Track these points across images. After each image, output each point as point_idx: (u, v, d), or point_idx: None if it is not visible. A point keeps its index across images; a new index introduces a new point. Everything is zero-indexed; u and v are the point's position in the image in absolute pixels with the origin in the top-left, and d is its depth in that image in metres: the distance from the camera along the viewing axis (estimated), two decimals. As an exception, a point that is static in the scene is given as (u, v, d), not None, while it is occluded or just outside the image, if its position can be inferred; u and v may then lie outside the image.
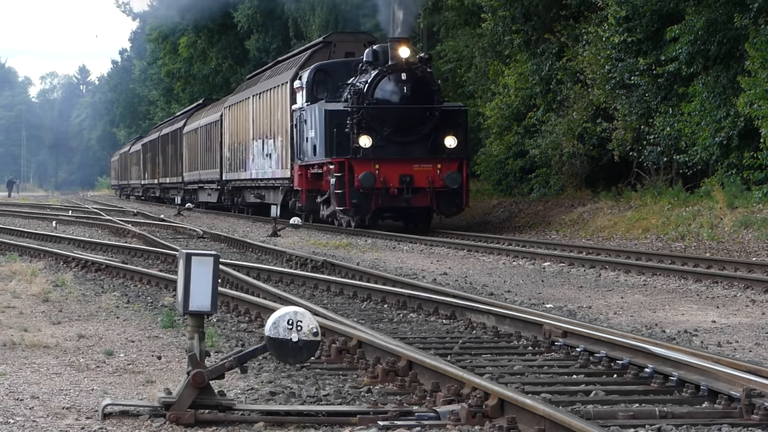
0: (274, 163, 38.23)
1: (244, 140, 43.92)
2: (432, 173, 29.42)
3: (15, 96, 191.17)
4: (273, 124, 38.47)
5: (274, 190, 39.61)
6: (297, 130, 34.00)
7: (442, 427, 7.03)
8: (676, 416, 7.16)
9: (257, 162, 41.15)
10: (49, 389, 8.27)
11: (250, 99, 43.25)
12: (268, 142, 39.18)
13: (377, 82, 29.84)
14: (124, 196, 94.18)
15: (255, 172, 41.71)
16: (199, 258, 7.27)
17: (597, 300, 14.63)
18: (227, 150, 47.89)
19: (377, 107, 29.72)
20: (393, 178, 29.30)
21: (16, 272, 17.22)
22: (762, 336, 11.22)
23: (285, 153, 36.30)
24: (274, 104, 38.64)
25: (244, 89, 46.66)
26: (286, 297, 13.18)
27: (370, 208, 29.56)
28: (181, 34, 74.57)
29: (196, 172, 56.84)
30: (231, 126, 47.39)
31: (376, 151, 29.51)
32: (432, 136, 29.94)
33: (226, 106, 48.75)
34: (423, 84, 29.92)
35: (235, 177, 46.31)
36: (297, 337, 7.12)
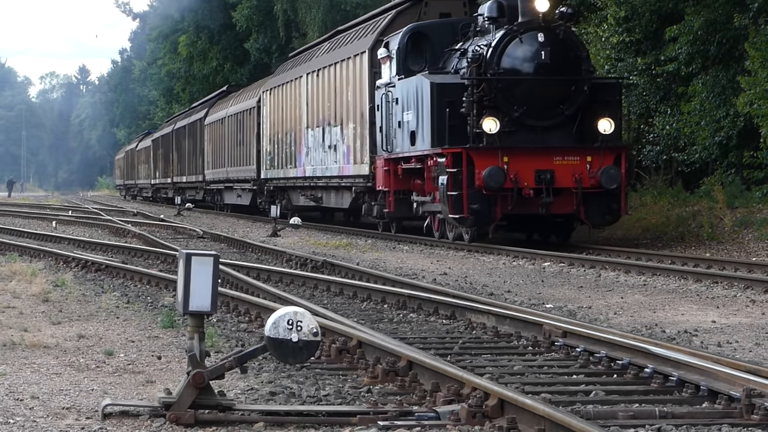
0: (341, 157, 31.07)
1: (294, 130, 36.66)
2: (579, 168, 22.34)
3: (15, 96, 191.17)
4: (340, 107, 31.15)
5: (337, 191, 32.60)
6: (382, 113, 26.55)
7: (442, 427, 7.03)
8: (676, 416, 7.17)
9: (313, 156, 34.10)
10: (49, 389, 8.27)
11: (302, 78, 35.56)
12: (332, 131, 32.03)
13: (505, 46, 22.72)
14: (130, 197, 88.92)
15: (310, 168, 34.49)
16: (199, 258, 7.27)
17: (597, 300, 14.63)
18: (267, 142, 40.48)
19: (506, 79, 22.67)
20: (527, 175, 22.14)
21: (16, 272, 17.21)
22: (762, 336, 11.22)
23: (360, 143, 29.25)
24: (342, 82, 31.07)
25: (291, 68, 38.99)
26: (286, 297, 13.18)
27: (495, 216, 22.22)
28: (181, 33, 74.55)
29: (221, 170, 49.07)
30: (273, 113, 39.71)
31: (505, 138, 22.46)
32: (578, 119, 22.96)
33: (266, 90, 41.00)
34: (567, 48, 22.83)
35: (279, 175, 38.78)
36: (297, 337, 7.12)
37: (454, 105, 22.81)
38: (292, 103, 36.96)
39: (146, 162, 77.24)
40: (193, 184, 57.72)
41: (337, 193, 32.68)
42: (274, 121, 39.47)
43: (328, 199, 33.95)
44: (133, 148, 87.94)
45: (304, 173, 35.18)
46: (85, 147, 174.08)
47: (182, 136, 60.63)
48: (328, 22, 50.26)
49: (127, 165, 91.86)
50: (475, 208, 22.10)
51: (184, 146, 59.88)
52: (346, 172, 30.64)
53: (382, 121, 26.52)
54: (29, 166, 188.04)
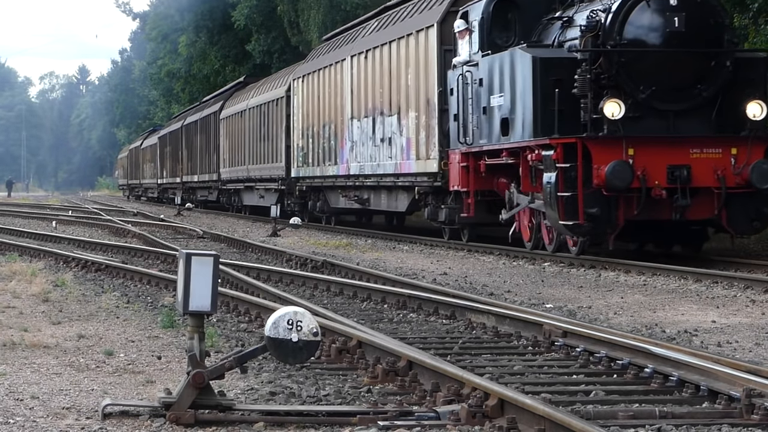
0: (397, 152, 26.99)
1: (333, 121, 32.30)
2: (722, 163, 18.29)
3: (15, 96, 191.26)
4: (397, 94, 27.00)
5: (390, 191, 28.43)
6: (459, 98, 22.43)
7: (442, 427, 7.03)
8: (676, 416, 7.16)
9: (360, 151, 29.78)
10: (49, 389, 8.27)
11: (345, 62, 31.24)
12: (386, 122, 27.75)
13: (628, 11, 18.69)
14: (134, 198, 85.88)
15: (356, 165, 30.18)
16: (199, 258, 7.27)
17: (597, 300, 14.63)
18: (299, 137, 36.13)
19: (631, 52, 18.60)
20: (658, 171, 18.10)
21: (16, 272, 17.22)
22: (762, 336, 11.22)
23: (425, 135, 25.15)
24: (399, 63, 27.02)
25: (328, 51, 34.59)
26: (286, 297, 13.18)
27: (618, 222, 18.18)
28: (180, 33, 74.54)
29: (240, 168, 44.91)
30: (307, 103, 35.25)
31: (629, 125, 18.41)
32: (718, 102, 18.84)
33: (298, 77, 36.43)
34: (706, 13, 18.78)
35: (314, 173, 34.54)
36: (297, 337, 7.12)
37: (563, 85, 18.78)
38: (332, 91, 32.50)
39: (152, 160, 73.58)
40: (205, 183, 53.47)
41: (390, 194, 28.53)
42: (308, 111, 35.09)
43: (377, 200, 29.66)
44: (137, 146, 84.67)
45: (347, 171, 30.89)
46: (85, 147, 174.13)
47: (193, 132, 56.62)
48: (327, 22, 50.20)
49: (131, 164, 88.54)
50: (593, 213, 17.95)
51: (195, 143, 56.00)
52: (404, 169, 26.43)
53: (459, 108, 22.48)
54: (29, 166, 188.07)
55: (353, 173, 30.51)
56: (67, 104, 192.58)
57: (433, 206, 25.10)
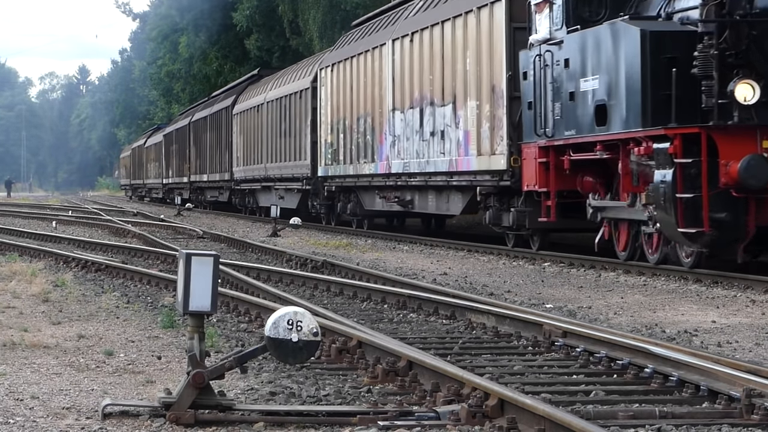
0: (452, 147, 23.91)
1: (370, 113, 29.25)
2: None
3: (15, 96, 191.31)
4: (453, 80, 23.84)
5: (440, 192, 25.47)
6: (536, 82, 19.53)
7: (442, 427, 7.03)
8: (676, 416, 7.16)
9: (404, 147, 26.78)
10: (49, 389, 8.27)
11: (385, 47, 28.10)
12: (438, 113, 24.67)
13: None
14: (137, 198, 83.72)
15: (398, 162, 27.11)
16: (199, 258, 7.27)
17: (597, 300, 14.63)
18: (327, 131, 33.03)
19: (765, 22, 15.82)
20: None
21: (16, 272, 17.22)
22: (762, 336, 11.22)
23: (490, 126, 21.91)
24: (455, 45, 23.71)
25: (361, 36, 31.37)
26: (286, 297, 13.19)
27: (748, 229, 15.58)
28: (181, 34, 74.54)
29: (257, 167, 41.94)
30: (337, 94, 32.14)
31: (762, 112, 15.67)
32: None
33: (326, 66, 33.32)
34: None
35: (346, 171, 31.43)
36: (297, 337, 7.12)
37: (681, 65, 16.06)
38: (368, 80, 29.45)
39: (156, 159, 70.55)
40: (215, 183, 50.29)
41: (440, 195, 25.46)
42: (339, 104, 31.94)
43: (422, 202, 26.71)
44: (140, 145, 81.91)
45: (388, 169, 27.83)
46: (85, 147, 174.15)
47: (202, 129, 53.34)
48: (327, 22, 50.25)
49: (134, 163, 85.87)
50: (721, 219, 15.29)
51: (204, 140, 52.74)
52: (461, 166, 23.30)
53: (535, 94, 19.56)
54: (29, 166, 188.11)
55: (395, 171, 27.40)
56: (67, 104, 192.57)
57: (497, 209, 21.95)
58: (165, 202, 65.73)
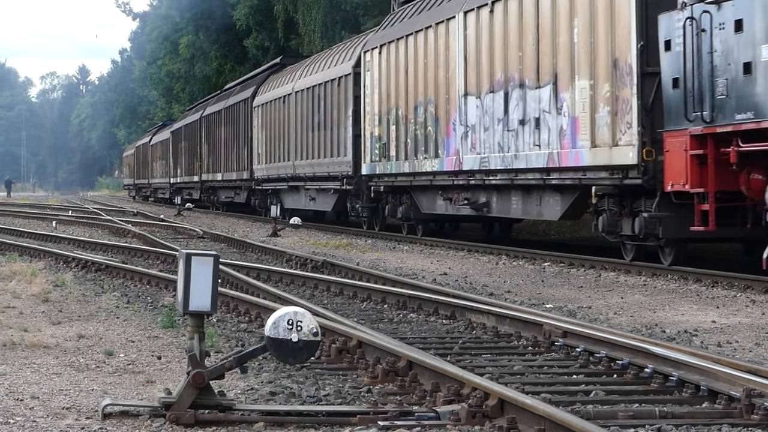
0: (553, 137, 19.86)
1: (433, 101, 25.38)
2: None
3: (15, 96, 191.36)
4: (552, 56, 19.82)
5: (531, 192, 21.51)
6: (686, 53, 15.71)
7: (442, 427, 7.03)
8: (676, 416, 7.16)
9: (480, 138, 22.91)
10: (49, 389, 8.27)
11: (455, 21, 24.07)
12: (531, 96, 20.69)
13: None
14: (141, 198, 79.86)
15: (473, 158, 23.23)
16: (199, 258, 7.27)
17: (597, 300, 14.63)
18: (374, 123, 29.08)
19: None
20: None
21: (16, 272, 17.22)
22: (762, 336, 11.22)
23: (612, 111, 17.91)
24: (558, 12, 19.74)
25: (416, 12, 27.27)
26: (286, 297, 13.19)
27: None
28: (181, 35, 74.58)
29: (283, 164, 37.80)
30: (386, 80, 28.28)
31: None
32: None
33: (372, 48, 29.33)
34: None
35: (401, 169, 27.30)
36: (297, 337, 7.12)
37: None
38: (430, 61, 25.49)
39: (163, 158, 67.02)
40: (231, 183, 46.30)
41: (530, 196, 21.47)
42: (390, 90, 28.01)
43: (504, 205, 22.65)
44: (145, 143, 78.56)
45: (458, 165, 23.89)
46: (85, 147, 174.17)
47: (215, 124, 49.38)
48: (327, 22, 50.25)
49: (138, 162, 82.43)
50: None
51: (218, 136, 48.77)
52: (567, 161, 19.39)
53: (686, 68, 15.82)
54: (29, 166, 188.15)
55: (468, 168, 23.41)
56: (67, 104, 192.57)
57: (613, 214, 18.24)
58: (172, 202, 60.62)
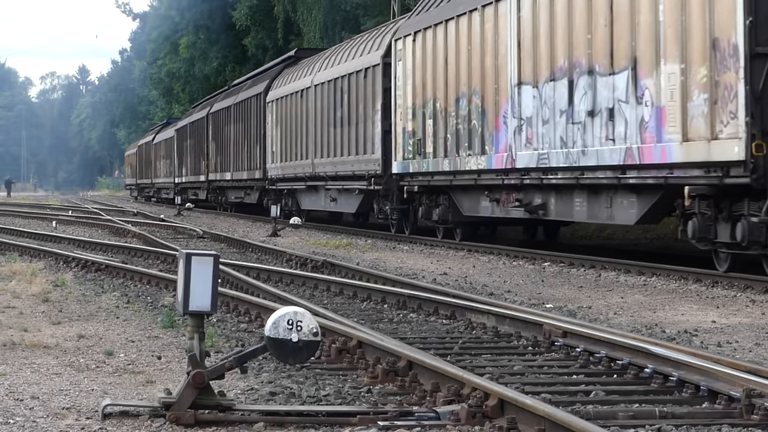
0: (632, 130, 17.53)
1: (479, 91, 22.93)
2: None
3: (15, 96, 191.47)
4: (631, 37, 17.47)
5: (599, 192, 19.18)
6: None
7: (442, 427, 7.03)
8: (676, 416, 7.16)
9: (539, 132, 20.39)
10: (49, 389, 8.27)
11: (505, 2, 21.73)
12: (602, 83, 18.35)
13: None
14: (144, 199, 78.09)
15: (529, 154, 20.75)
16: (199, 258, 7.26)
17: (597, 300, 14.63)
18: (407, 117, 26.77)
19: None
20: None
21: (16, 272, 17.22)
22: (762, 336, 11.22)
23: (711, 99, 15.68)
24: None
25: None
26: (286, 297, 13.19)
27: None
28: (181, 35, 74.59)
29: (301, 163, 35.68)
30: (422, 70, 25.91)
31: None
32: None
33: (404, 36, 26.91)
34: None
35: (440, 167, 24.97)
36: (297, 337, 7.11)
37: None
38: (475, 47, 22.99)
39: (167, 157, 64.89)
40: (241, 182, 44.19)
41: (599, 197, 19.17)
42: (426, 81, 25.76)
43: (565, 206, 20.33)
44: (148, 141, 76.64)
45: (510, 163, 21.46)
46: (85, 147, 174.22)
47: (224, 121, 47.28)
48: (328, 22, 50.27)
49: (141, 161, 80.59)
50: None
51: (226, 134, 46.69)
52: (651, 156, 17.00)
53: None
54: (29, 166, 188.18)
55: (522, 166, 21.06)
56: (67, 104, 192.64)
57: (707, 218, 16.28)
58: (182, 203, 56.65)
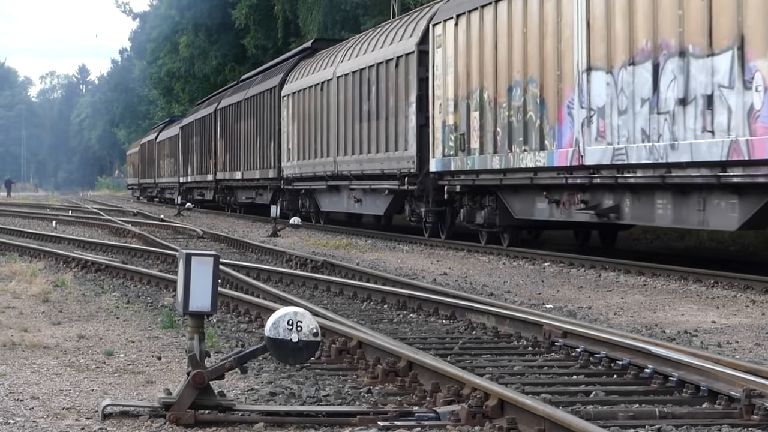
0: (737, 120, 15.38)
1: (537, 80, 20.60)
2: None
3: (15, 96, 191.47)
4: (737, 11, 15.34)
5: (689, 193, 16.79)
6: None
7: (442, 427, 7.03)
8: (676, 416, 7.16)
9: (613, 124, 18.11)
10: (49, 390, 8.27)
11: None
12: (697, 66, 16.24)
13: None
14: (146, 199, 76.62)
15: (601, 149, 18.38)
16: (199, 258, 7.26)
17: (597, 300, 14.63)
18: (447, 110, 24.60)
19: None
20: None
21: (16, 272, 17.22)
22: (762, 336, 11.22)
23: None
24: None
25: None
26: (286, 297, 13.18)
27: None
28: (181, 34, 74.59)
29: (322, 161, 33.39)
30: (467, 57, 23.57)
31: None
32: None
33: (444, 20, 24.63)
34: None
35: (487, 165, 22.57)
36: (297, 337, 7.11)
37: None
38: (532, 30, 20.70)
39: (171, 155, 62.98)
40: (253, 182, 42.14)
41: (686, 198, 16.84)
42: (470, 69, 23.45)
43: (644, 209, 17.90)
44: (151, 140, 74.50)
45: (577, 159, 19.15)
46: (85, 147, 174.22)
47: (234, 117, 45.24)
48: (327, 22, 50.26)
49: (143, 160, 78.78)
50: None
51: (237, 131, 44.53)
52: (759, 151, 14.96)
53: None
54: (29, 165, 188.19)
55: (592, 163, 18.73)
56: (67, 104, 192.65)
57: None
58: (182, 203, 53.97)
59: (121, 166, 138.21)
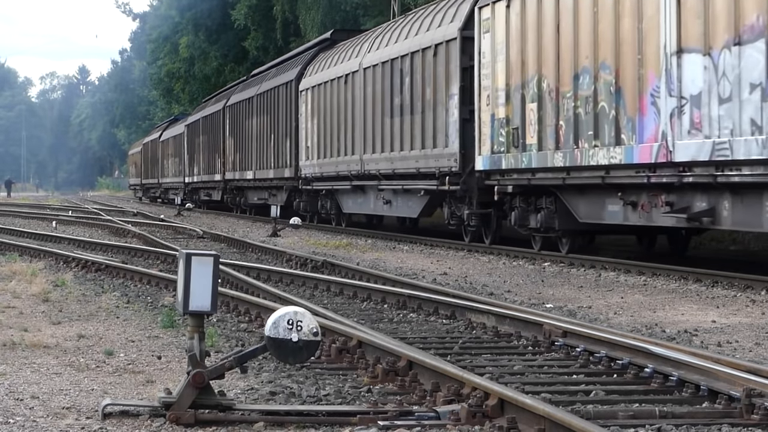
0: None
1: (610, 66, 18.15)
2: None
3: (15, 96, 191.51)
4: None
5: None
6: None
7: (442, 427, 7.03)
8: (676, 416, 7.16)
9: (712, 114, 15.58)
10: (49, 389, 8.27)
11: None
12: None
13: None
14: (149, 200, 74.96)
15: (696, 144, 15.90)
16: (199, 258, 7.27)
17: (597, 300, 14.63)
18: (496, 101, 22.20)
19: None
20: None
21: (16, 272, 17.22)
22: (762, 336, 11.22)
23: None
24: None
25: None
26: (286, 297, 13.19)
27: None
28: (181, 35, 74.59)
29: (346, 159, 31.13)
30: (520, 42, 21.16)
31: None
32: None
33: (494, 2, 22.06)
34: None
35: (548, 162, 20.12)
36: (297, 337, 7.11)
37: None
38: (605, 9, 18.17)
39: (176, 155, 61.09)
40: (266, 182, 39.70)
41: None
42: (526, 56, 20.95)
43: (748, 213, 15.49)
44: (155, 139, 72.58)
45: (664, 155, 16.58)
46: (85, 147, 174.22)
47: (244, 114, 42.96)
48: (327, 23, 50.24)
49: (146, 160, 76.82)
50: None
51: (248, 128, 42.20)
52: None
53: None
54: (29, 166, 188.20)
55: (684, 159, 16.21)
56: (67, 104, 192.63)
57: None
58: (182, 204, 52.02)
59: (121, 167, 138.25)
